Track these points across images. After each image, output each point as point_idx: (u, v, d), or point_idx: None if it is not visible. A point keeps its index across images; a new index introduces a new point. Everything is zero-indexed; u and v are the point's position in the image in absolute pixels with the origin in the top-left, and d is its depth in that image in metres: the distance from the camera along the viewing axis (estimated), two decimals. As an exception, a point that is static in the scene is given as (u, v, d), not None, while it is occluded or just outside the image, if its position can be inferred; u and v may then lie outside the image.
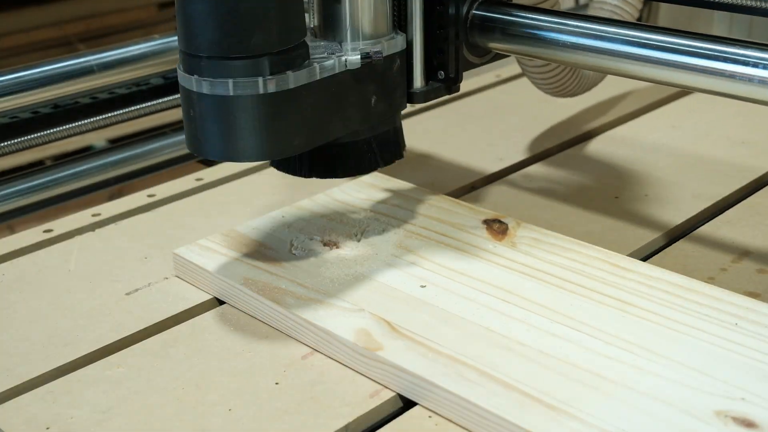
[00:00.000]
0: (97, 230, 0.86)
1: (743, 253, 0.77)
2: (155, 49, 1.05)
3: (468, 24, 0.74)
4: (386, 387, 0.62)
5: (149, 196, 0.92)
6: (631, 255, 0.76)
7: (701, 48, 0.64)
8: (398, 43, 0.72)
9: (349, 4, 0.69)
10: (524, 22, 0.72)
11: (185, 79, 0.65)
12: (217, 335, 0.69)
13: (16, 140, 0.99)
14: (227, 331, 0.69)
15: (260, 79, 0.63)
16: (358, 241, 0.76)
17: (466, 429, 0.58)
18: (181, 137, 1.11)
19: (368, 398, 0.61)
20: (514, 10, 0.73)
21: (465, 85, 1.17)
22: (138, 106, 1.07)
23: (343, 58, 0.68)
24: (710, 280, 0.73)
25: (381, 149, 0.74)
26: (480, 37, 0.74)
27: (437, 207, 0.81)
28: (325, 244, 0.76)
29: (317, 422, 0.59)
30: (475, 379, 0.59)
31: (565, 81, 0.86)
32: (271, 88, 0.63)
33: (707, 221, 0.82)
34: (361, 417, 0.60)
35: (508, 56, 0.79)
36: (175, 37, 1.07)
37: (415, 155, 0.99)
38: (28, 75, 0.96)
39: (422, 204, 0.82)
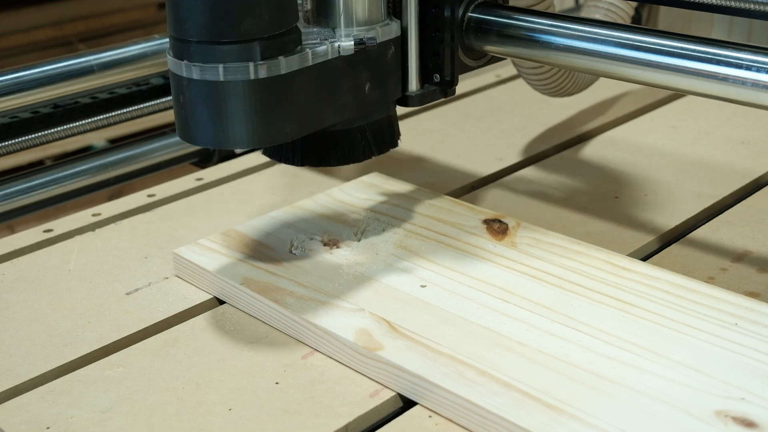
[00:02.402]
0: (97, 230, 0.86)
1: (743, 253, 0.77)
2: (155, 49, 1.05)
3: (464, 27, 0.74)
4: (386, 387, 0.62)
5: (149, 196, 0.92)
6: (631, 255, 0.76)
7: (695, 51, 0.64)
8: (392, 29, 0.71)
9: None
10: (520, 25, 0.72)
11: (175, 65, 0.63)
12: (217, 335, 0.69)
13: (16, 140, 0.99)
14: (227, 331, 0.69)
15: (251, 65, 0.62)
16: (358, 241, 0.76)
17: (466, 429, 0.58)
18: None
19: (368, 398, 0.61)
20: (510, 13, 0.73)
21: (464, 86, 1.18)
22: (138, 106, 1.07)
23: (336, 44, 0.67)
24: (710, 280, 0.73)
25: (375, 137, 0.73)
26: (476, 40, 0.74)
27: (437, 207, 0.81)
28: (325, 244, 0.76)
29: (317, 422, 0.59)
30: (475, 378, 0.59)
31: (561, 81, 0.86)
32: (263, 73, 0.62)
33: (707, 221, 0.82)
34: (361, 417, 0.60)
35: (504, 59, 0.80)
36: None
37: (415, 155, 0.99)
38: (28, 75, 0.96)
39: (422, 204, 0.82)
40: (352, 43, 0.68)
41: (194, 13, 0.61)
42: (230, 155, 1.11)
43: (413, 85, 0.74)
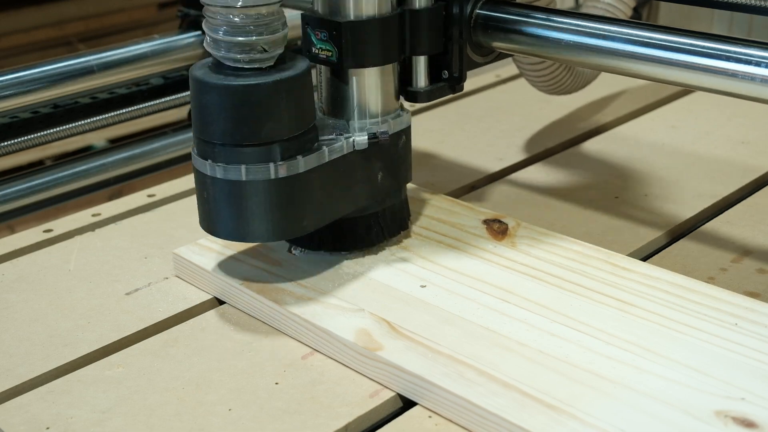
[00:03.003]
0: (97, 230, 0.86)
1: (743, 253, 0.77)
2: (155, 49, 1.05)
3: (472, 23, 0.74)
4: (386, 387, 0.62)
5: (149, 196, 0.92)
6: (631, 255, 0.76)
7: (705, 47, 0.64)
8: (404, 120, 0.73)
9: (356, 85, 0.70)
10: (529, 21, 0.72)
11: (200, 163, 0.66)
12: (217, 335, 0.69)
13: (16, 140, 0.99)
14: (227, 331, 0.69)
15: (272, 165, 0.64)
16: (358, 241, 0.76)
17: (466, 429, 0.58)
18: (181, 137, 1.11)
19: (368, 398, 0.61)
20: (519, 10, 0.73)
21: (465, 85, 1.17)
22: (138, 106, 1.07)
23: (351, 139, 0.69)
24: (710, 280, 0.73)
25: (387, 222, 0.75)
26: (484, 36, 0.74)
27: (437, 207, 0.81)
28: (325, 244, 0.76)
29: (317, 422, 0.59)
30: (475, 379, 0.59)
31: (561, 78, 0.86)
32: (282, 173, 0.65)
33: (707, 221, 0.82)
34: (360, 417, 0.60)
35: (511, 56, 0.79)
36: (175, 37, 1.08)
37: (415, 155, 0.98)
38: (28, 75, 0.96)
39: (422, 204, 0.82)
40: (366, 137, 0.69)
41: (218, 119, 0.64)
42: None
43: (421, 81, 0.74)
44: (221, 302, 0.73)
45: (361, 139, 0.69)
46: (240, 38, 0.63)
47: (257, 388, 0.62)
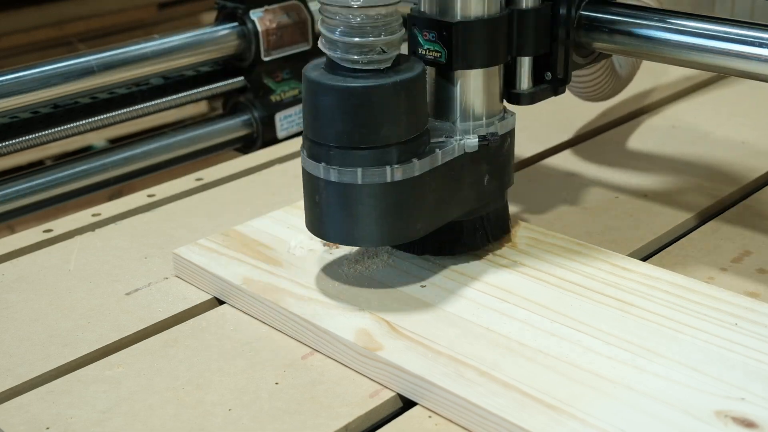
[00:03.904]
0: (97, 230, 0.86)
1: (743, 253, 0.77)
2: (155, 49, 1.05)
3: (575, 24, 0.73)
4: (386, 387, 0.62)
5: (149, 196, 0.92)
6: (631, 255, 0.76)
7: None
8: (510, 122, 0.72)
9: (463, 86, 0.70)
10: (634, 22, 0.72)
11: (312, 166, 0.65)
12: (217, 335, 0.69)
13: (16, 140, 0.99)
14: (227, 331, 0.69)
15: (388, 168, 0.64)
16: (358, 241, 0.76)
17: (466, 429, 0.58)
18: (181, 137, 1.11)
19: (368, 398, 0.61)
20: (621, 10, 0.73)
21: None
22: (138, 106, 1.07)
23: (462, 141, 0.68)
24: (710, 280, 0.73)
25: (491, 226, 0.74)
26: (586, 37, 0.74)
27: (437, 207, 0.81)
28: (325, 244, 0.76)
29: (317, 422, 0.59)
30: (475, 379, 0.59)
31: (602, 84, 0.86)
32: (398, 176, 0.64)
33: (707, 221, 0.82)
34: (360, 417, 0.60)
35: (610, 56, 0.80)
36: (175, 37, 1.08)
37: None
38: (28, 75, 0.96)
39: (422, 204, 0.82)
40: (477, 140, 0.69)
41: (334, 122, 0.63)
42: (273, 140, 1.11)
43: (525, 83, 0.73)
44: (221, 302, 0.73)
45: (471, 141, 0.68)
46: (358, 39, 0.62)
47: (257, 388, 0.62)
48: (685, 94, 1.13)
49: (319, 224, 0.67)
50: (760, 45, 0.66)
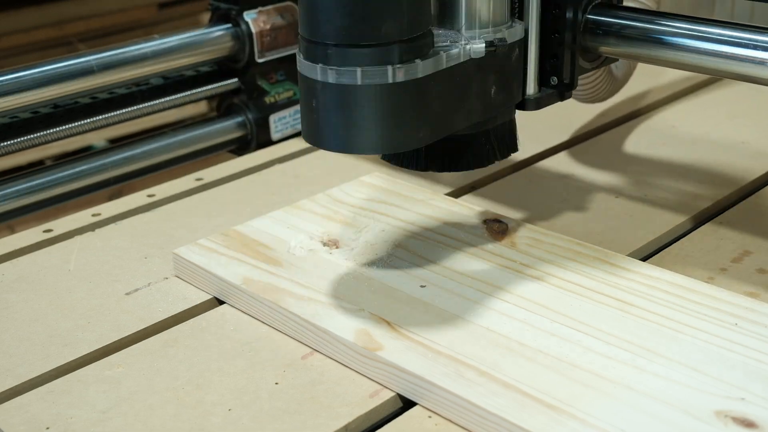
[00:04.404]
0: (97, 230, 0.86)
1: (743, 253, 0.77)
2: (155, 49, 1.05)
3: (581, 28, 0.73)
4: (386, 387, 0.62)
5: (149, 196, 0.92)
6: (631, 255, 0.76)
7: None
8: (518, 31, 0.70)
9: None
10: (641, 27, 0.72)
11: (308, 68, 0.62)
12: (217, 335, 0.69)
13: (16, 140, 0.99)
14: (227, 331, 0.69)
15: (389, 68, 0.60)
16: (358, 241, 0.76)
17: (466, 429, 0.58)
18: (181, 137, 1.11)
19: (368, 398, 0.61)
20: (629, 14, 0.73)
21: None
22: (138, 106, 1.07)
23: (468, 47, 0.65)
24: (710, 280, 0.73)
25: (498, 142, 0.72)
26: (592, 41, 0.73)
27: (437, 207, 0.81)
28: (324, 244, 0.76)
29: (317, 422, 0.59)
30: (475, 379, 0.59)
31: (600, 86, 0.86)
32: (400, 77, 0.61)
33: (707, 221, 0.82)
34: (360, 417, 0.60)
35: (616, 60, 0.79)
36: (175, 37, 1.08)
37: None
38: (28, 75, 0.96)
39: (422, 204, 0.82)
40: (483, 45, 0.66)
41: (334, 17, 0.60)
42: (267, 142, 1.11)
43: (531, 88, 0.73)
44: (221, 302, 0.73)
45: (478, 46, 0.65)
46: None
47: (257, 388, 0.62)
48: (685, 95, 1.13)
49: (315, 131, 0.64)
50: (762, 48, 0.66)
